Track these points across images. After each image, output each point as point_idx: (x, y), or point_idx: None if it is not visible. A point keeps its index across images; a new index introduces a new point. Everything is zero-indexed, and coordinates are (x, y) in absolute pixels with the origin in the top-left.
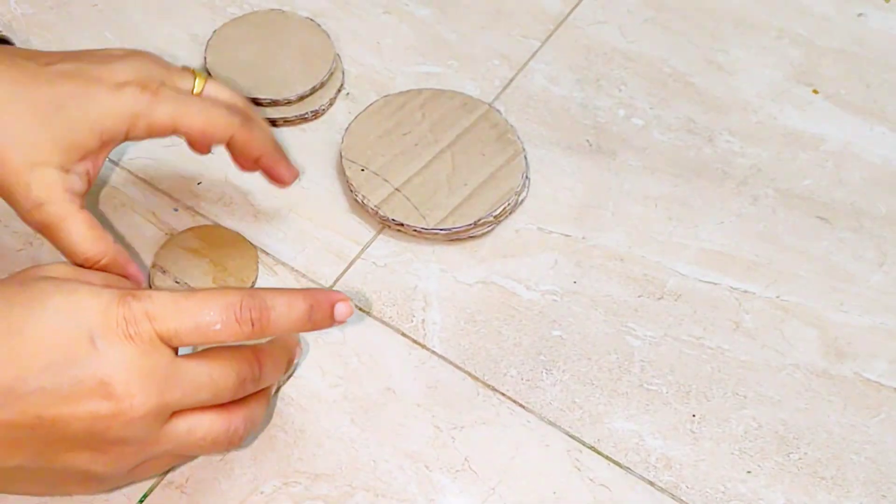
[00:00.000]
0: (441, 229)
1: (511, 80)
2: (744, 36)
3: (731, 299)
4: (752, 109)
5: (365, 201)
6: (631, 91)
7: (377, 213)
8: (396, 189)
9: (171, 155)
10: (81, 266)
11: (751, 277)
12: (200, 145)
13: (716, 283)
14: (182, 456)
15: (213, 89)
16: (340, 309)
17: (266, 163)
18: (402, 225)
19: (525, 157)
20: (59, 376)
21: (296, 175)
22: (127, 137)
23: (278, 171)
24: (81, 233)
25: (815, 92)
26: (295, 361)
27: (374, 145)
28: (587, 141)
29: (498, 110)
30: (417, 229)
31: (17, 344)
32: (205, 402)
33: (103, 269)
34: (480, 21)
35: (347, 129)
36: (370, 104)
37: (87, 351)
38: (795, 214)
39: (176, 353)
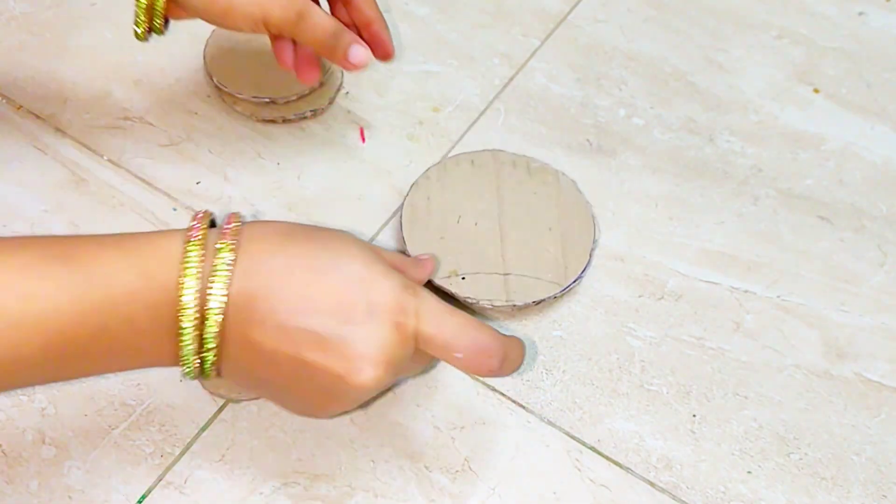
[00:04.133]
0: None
1: (511, 80)
2: (744, 35)
3: (732, 299)
4: (752, 109)
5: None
6: (631, 90)
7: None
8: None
9: (170, 154)
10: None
11: (751, 277)
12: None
13: (716, 284)
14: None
15: None
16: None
17: (375, 30)
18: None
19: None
20: (330, 326)
21: (392, 50)
22: None
23: (383, 37)
24: (322, 14)
25: (816, 91)
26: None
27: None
28: (587, 140)
29: None
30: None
31: (315, 283)
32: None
33: (343, 43)
34: (480, 20)
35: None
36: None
37: (362, 319)
38: (796, 214)
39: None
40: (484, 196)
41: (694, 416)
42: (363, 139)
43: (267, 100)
